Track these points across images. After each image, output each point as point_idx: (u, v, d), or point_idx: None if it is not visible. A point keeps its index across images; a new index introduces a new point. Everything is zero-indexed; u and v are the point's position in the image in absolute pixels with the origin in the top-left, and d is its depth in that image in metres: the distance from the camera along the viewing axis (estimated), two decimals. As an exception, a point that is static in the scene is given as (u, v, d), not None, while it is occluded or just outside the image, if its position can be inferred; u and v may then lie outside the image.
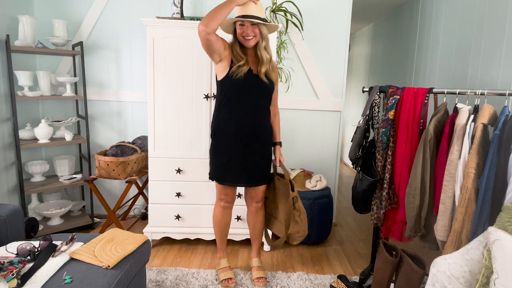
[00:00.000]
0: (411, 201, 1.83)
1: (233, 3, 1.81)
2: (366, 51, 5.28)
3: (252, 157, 2.03)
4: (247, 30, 1.86)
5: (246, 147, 2.00)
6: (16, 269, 1.31)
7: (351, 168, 5.48)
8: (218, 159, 2.04)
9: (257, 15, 1.85)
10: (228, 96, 1.96)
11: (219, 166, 2.05)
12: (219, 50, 1.87)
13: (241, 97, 1.95)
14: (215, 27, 1.78)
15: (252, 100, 1.97)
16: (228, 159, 2.01)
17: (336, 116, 3.08)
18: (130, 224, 3.05)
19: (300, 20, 2.76)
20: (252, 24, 1.86)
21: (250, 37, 1.88)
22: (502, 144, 1.50)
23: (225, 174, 2.04)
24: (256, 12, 1.85)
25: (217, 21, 1.77)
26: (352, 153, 2.11)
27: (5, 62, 2.56)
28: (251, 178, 2.07)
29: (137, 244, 1.63)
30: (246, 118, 1.97)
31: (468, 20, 2.45)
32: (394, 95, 2.02)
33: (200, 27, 1.75)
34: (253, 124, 1.99)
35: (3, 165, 2.60)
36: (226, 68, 1.92)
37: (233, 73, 1.89)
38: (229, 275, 2.19)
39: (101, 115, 3.10)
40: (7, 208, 1.69)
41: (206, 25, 1.75)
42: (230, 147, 2.00)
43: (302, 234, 2.12)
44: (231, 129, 1.98)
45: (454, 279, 1.30)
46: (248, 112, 1.97)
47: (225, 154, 2.02)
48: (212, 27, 1.76)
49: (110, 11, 2.95)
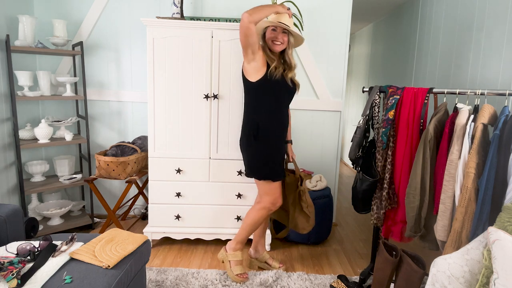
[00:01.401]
0: (411, 201, 1.83)
1: (274, 8, 1.99)
2: (366, 51, 5.28)
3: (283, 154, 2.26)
4: (278, 35, 2.02)
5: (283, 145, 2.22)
6: (16, 269, 1.31)
7: (351, 168, 5.48)
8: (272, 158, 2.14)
9: (290, 25, 2.03)
10: (266, 96, 2.07)
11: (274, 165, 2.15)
12: (254, 45, 1.97)
13: (278, 97, 2.10)
14: (257, 19, 1.91)
15: (286, 101, 2.16)
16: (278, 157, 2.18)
17: (336, 116, 3.08)
18: (130, 224, 3.05)
19: (300, 20, 2.76)
20: (283, 31, 2.02)
21: (279, 43, 2.03)
22: (502, 144, 1.50)
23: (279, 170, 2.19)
24: (288, 23, 2.03)
25: (260, 15, 1.91)
26: (352, 153, 2.11)
27: (5, 62, 2.56)
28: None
29: (137, 244, 1.63)
30: (283, 118, 2.15)
31: (468, 20, 2.45)
32: (394, 95, 2.02)
33: (245, 15, 1.87)
34: (286, 123, 2.20)
35: (3, 165, 2.60)
36: (262, 69, 2.03)
37: (272, 74, 2.02)
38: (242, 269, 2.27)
39: (101, 115, 3.10)
40: (7, 208, 1.69)
41: (250, 14, 1.88)
42: (276, 145, 2.16)
43: (311, 224, 2.31)
44: (274, 128, 2.12)
45: (454, 279, 1.30)
46: (284, 113, 2.15)
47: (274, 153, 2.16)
48: (255, 17, 1.89)
49: (110, 11, 2.95)
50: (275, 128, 2.12)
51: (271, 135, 2.11)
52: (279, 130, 2.14)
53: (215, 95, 2.46)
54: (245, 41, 1.95)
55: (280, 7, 2.01)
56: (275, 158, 2.16)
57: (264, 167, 2.12)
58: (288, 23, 2.02)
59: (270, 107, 2.08)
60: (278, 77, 2.02)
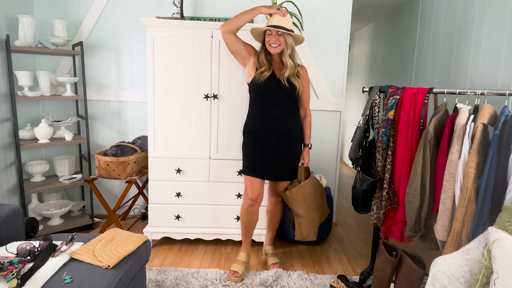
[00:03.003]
0: (411, 201, 1.83)
1: (255, 10, 2.05)
2: (366, 51, 5.28)
3: (276, 154, 2.18)
4: (272, 38, 2.04)
5: (269, 145, 2.17)
6: (16, 269, 1.31)
7: (351, 168, 5.48)
8: (249, 155, 2.22)
9: (284, 26, 2.02)
10: (254, 98, 2.19)
11: (249, 161, 2.22)
12: (239, 52, 2.14)
13: (263, 99, 2.15)
14: (233, 28, 2.07)
15: (273, 102, 2.14)
16: (257, 155, 2.19)
17: (336, 116, 3.08)
18: (130, 224, 3.05)
19: (300, 20, 2.76)
20: (278, 33, 2.03)
21: (276, 45, 2.04)
22: (502, 144, 1.50)
23: (255, 167, 2.20)
24: (283, 23, 2.03)
25: (236, 23, 2.06)
26: (352, 153, 2.11)
27: (5, 62, 2.56)
28: (277, 173, 2.23)
29: (137, 244, 1.63)
30: (268, 118, 2.15)
31: (468, 20, 2.45)
32: (394, 95, 2.02)
33: (221, 26, 2.08)
34: (274, 124, 2.15)
35: (3, 165, 2.60)
36: (252, 72, 2.14)
37: (255, 77, 2.11)
38: (236, 268, 2.26)
39: (101, 115, 3.10)
40: (7, 208, 1.69)
41: (223, 25, 2.08)
42: (256, 144, 2.19)
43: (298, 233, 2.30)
44: (256, 128, 2.17)
45: (454, 279, 1.30)
46: (269, 113, 2.15)
47: (253, 150, 2.21)
48: (229, 27, 2.06)
49: (110, 11, 2.95)
50: (257, 128, 2.17)
51: (253, 134, 2.19)
52: (261, 130, 2.16)
53: (215, 95, 2.46)
54: (229, 49, 2.16)
55: (263, 8, 2.04)
56: (252, 156, 2.20)
57: (243, 162, 2.26)
58: (282, 23, 2.02)
59: (257, 108, 2.17)
60: (261, 80, 2.08)
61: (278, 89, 2.12)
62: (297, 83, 2.13)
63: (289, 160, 2.23)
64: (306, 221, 2.26)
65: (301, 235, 2.28)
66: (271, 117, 2.15)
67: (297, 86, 2.13)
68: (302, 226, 2.27)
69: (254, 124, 2.18)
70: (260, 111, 2.17)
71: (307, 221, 2.26)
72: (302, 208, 2.25)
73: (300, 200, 2.24)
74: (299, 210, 2.24)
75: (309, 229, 2.28)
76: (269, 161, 2.19)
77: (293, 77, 2.12)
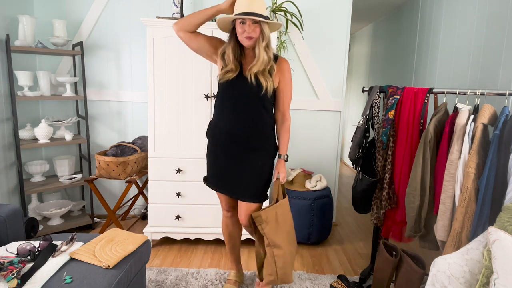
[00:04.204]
0: (411, 201, 1.83)
1: (212, 8, 1.70)
2: (366, 51, 5.28)
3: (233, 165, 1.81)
4: (248, 29, 1.62)
5: (225, 154, 1.81)
6: (16, 269, 1.31)
7: (351, 168, 5.48)
8: (207, 163, 1.93)
9: (260, 13, 1.61)
10: (216, 99, 1.86)
11: (208, 169, 1.94)
12: (203, 49, 1.79)
13: (223, 99, 1.80)
14: (187, 26, 1.72)
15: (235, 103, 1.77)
16: (213, 164, 1.89)
17: (336, 116, 3.08)
18: (130, 224, 3.05)
19: (300, 20, 2.76)
20: (254, 22, 1.62)
21: (250, 36, 1.63)
22: (502, 144, 1.50)
23: (210, 178, 1.92)
24: (258, 9, 1.61)
25: (189, 21, 1.71)
26: (352, 153, 2.11)
27: (5, 62, 2.56)
28: (235, 190, 1.84)
29: (137, 244, 1.63)
30: (226, 122, 1.80)
31: (468, 20, 2.45)
32: (394, 95, 2.02)
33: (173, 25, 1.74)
34: (233, 129, 1.77)
35: (3, 165, 2.60)
36: (219, 70, 1.80)
37: (218, 77, 1.77)
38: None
39: (101, 115, 3.10)
40: (7, 208, 1.69)
41: (175, 23, 1.73)
42: (213, 152, 1.87)
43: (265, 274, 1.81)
44: (214, 133, 1.85)
45: (454, 279, 1.30)
46: (229, 116, 1.79)
47: (210, 158, 1.90)
48: (179, 25, 1.72)
49: (110, 11, 2.95)
50: (215, 133, 1.84)
51: (211, 140, 1.88)
52: (217, 135, 1.83)
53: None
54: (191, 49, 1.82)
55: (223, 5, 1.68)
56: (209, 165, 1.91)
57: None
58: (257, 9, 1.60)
59: (216, 110, 1.85)
60: (223, 81, 1.74)
61: (242, 88, 1.72)
62: (266, 82, 1.69)
63: (250, 174, 1.80)
64: (284, 255, 1.75)
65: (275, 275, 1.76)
66: (229, 121, 1.77)
67: (263, 85, 1.69)
68: (278, 262, 1.73)
69: (214, 129, 1.85)
70: (219, 114, 1.82)
71: (285, 255, 1.75)
72: (281, 236, 1.74)
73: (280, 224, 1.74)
74: (277, 239, 1.72)
75: (286, 267, 1.77)
76: (226, 173, 1.83)
77: (262, 74, 1.69)
